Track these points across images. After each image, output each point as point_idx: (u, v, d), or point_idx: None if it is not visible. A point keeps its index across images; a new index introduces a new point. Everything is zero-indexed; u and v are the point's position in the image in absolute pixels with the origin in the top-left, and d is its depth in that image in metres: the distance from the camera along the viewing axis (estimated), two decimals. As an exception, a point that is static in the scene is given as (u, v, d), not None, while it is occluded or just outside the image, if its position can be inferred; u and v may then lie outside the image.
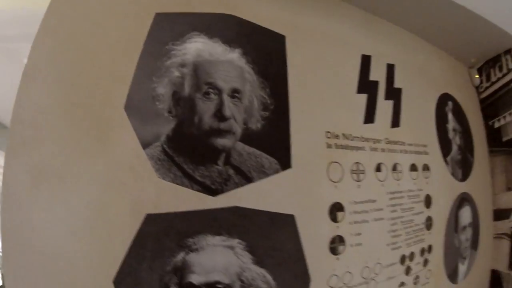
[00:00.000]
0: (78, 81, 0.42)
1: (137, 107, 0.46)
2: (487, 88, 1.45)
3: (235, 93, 0.55)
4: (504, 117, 1.37)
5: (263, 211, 0.53)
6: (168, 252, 0.46)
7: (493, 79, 1.41)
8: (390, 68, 0.82)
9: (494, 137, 1.41)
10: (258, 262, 0.53)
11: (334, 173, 0.63)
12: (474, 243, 1.15)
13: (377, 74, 0.78)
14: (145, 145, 0.45)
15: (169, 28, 0.52)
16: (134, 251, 0.44)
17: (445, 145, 0.95)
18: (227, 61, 0.56)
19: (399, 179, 0.75)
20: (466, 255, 1.11)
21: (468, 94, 1.22)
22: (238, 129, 0.54)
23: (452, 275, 1.03)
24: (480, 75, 1.46)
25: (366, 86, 0.73)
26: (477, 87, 1.43)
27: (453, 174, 0.98)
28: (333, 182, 0.62)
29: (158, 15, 0.50)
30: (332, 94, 0.66)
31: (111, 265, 0.42)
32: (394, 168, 0.75)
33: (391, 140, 0.75)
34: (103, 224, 0.42)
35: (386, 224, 0.71)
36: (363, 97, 0.72)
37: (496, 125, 1.39)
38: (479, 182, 1.15)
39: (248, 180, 0.53)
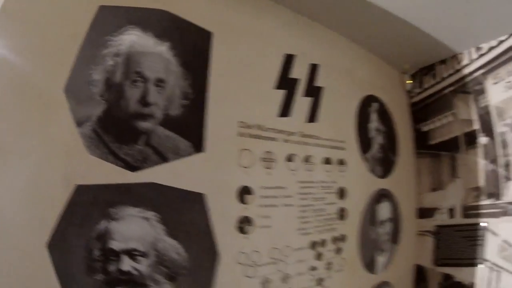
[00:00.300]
0: (28, 64, 0.58)
1: (74, 90, 0.63)
2: (419, 93, 1.79)
3: (159, 82, 0.74)
4: (433, 122, 1.67)
5: (176, 188, 0.72)
6: (94, 220, 0.64)
7: (426, 85, 1.76)
8: (314, 68, 1.05)
9: (422, 140, 1.74)
10: (171, 234, 0.71)
11: (245, 159, 0.83)
12: (395, 238, 1.47)
13: (299, 72, 1.00)
14: (78, 124, 0.62)
15: (109, 21, 0.70)
16: (65, 218, 0.61)
17: (364, 143, 1.22)
18: (156, 53, 0.75)
19: (311, 170, 0.98)
20: (386, 248, 1.41)
21: (398, 97, 1.51)
22: (159, 114, 0.72)
23: (370, 265, 1.31)
24: (414, 81, 1.72)
25: (286, 82, 0.95)
26: (409, 92, 1.70)
27: (372, 171, 1.24)
28: (244, 167, 0.82)
29: (102, 8, 0.67)
30: (250, 88, 0.88)
31: (45, 230, 0.59)
32: (307, 159, 0.96)
33: (305, 134, 0.97)
34: (39, 194, 0.59)
35: (296, 210, 0.94)
36: (281, 93, 0.92)
37: (425, 128, 1.68)
38: (401, 181, 1.44)
39: (165, 159, 0.71)
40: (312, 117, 1.03)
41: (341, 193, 1.11)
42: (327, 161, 1.07)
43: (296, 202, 0.96)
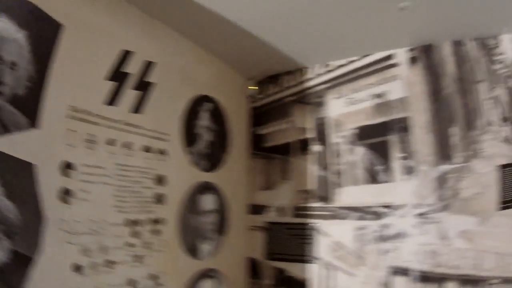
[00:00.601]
0: None
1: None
2: (261, 99, 2.36)
3: (13, 65, 1.10)
4: (271, 126, 2.28)
5: (14, 156, 1.06)
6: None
7: (269, 92, 2.34)
8: (148, 64, 1.50)
9: (258, 142, 2.32)
10: (8, 196, 1.06)
11: (71, 139, 1.24)
12: (221, 229, 1.99)
13: (133, 67, 1.47)
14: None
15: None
16: None
17: (190, 138, 1.75)
18: (15, 39, 1.11)
19: (130, 155, 1.43)
20: (211, 238, 1.91)
21: (238, 100, 2.14)
22: (8, 92, 1.09)
23: (193, 251, 1.77)
24: (259, 87, 2.34)
25: (117, 76, 1.41)
26: (251, 96, 2.32)
27: (196, 164, 1.78)
28: (69, 145, 1.23)
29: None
30: (84, 77, 1.30)
31: None
32: (127, 146, 1.41)
33: (129, 122, 1.43)
34: None
35: (112, 189, 1.38)
36: (112, 84, 1.36)
37: (262, 132, 2.29)
38: (231, 177, 2.03)
39: (8, 131, 1.05)
40: (138, 109, 1.49)
41: (160, 180, 1.59)
42: (147, 149, 1.53)
43: (113, 182, 1.39)
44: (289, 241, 2.28)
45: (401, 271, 2.03)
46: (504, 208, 1.90)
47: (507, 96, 1.93)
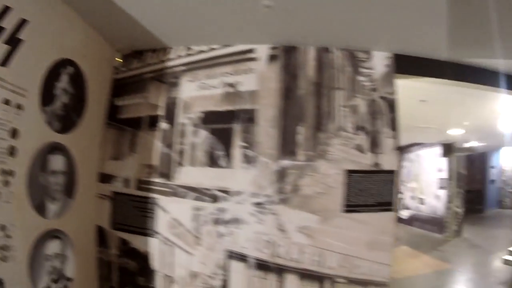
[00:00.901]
0: None
1: None
2: (124, 72, 2.59)
3: None
4: (127, 99, 2.54)
5: None
6: None
7: (132, 66, 2.58)
8: (22, 22, 1.70)
9: (114, 113, 2.55)
10: None
11: None
12: (69, 192, 2.16)
13: (8, 22, 1.63)
14: None
15: None
16: None
17: (46, 97, 1.93)
18: None
19: None
20: (58, 198, 2.05)
21: (102, 70, 2.37)
22: None
23: (40, 209, 1.91)
24: (124, 60, 2.57)
25: None
26: (116, 68, 2.54)
27: (49, 123, 1.96)
28: None
29: None
30: None
31: None
32: None
33: None
34: None
35: None
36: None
37: (119, 103, 2.54)
38: (82, 142, 2.23)
39: None
40: (4, 62, 1.64)
41: (14, 133, 1.74)
42: (7, 102, 1.69)
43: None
44: (132, 213, 2.51)
45: (238, 256, 2.33)
46: (349, 211, 2.25)
47: (366, 107, 2.31)
